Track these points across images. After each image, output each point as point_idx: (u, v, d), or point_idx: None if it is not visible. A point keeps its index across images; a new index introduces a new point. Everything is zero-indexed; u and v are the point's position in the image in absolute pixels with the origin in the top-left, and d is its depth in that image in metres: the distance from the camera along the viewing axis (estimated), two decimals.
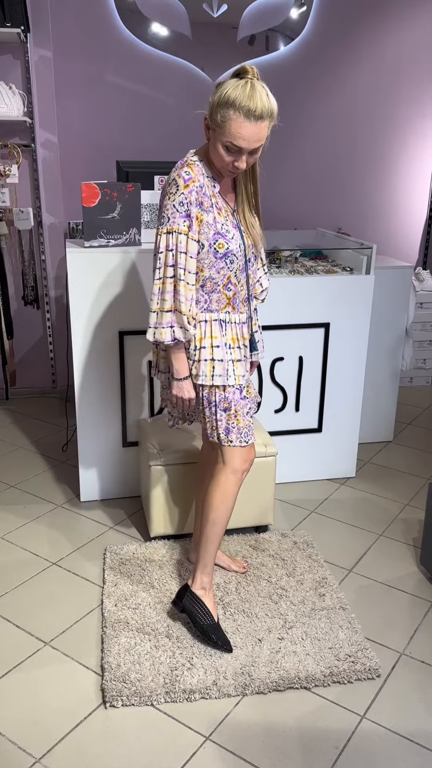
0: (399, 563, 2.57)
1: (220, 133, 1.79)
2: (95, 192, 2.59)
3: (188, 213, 1.86)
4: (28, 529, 2.74)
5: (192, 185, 1.86)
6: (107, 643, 2.08)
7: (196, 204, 1.87)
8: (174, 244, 1.87)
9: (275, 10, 3.92)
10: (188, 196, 1.85)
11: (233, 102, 1.74)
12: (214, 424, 2.05)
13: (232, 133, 1.77)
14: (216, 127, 1.81)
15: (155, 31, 3.82)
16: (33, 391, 4.21)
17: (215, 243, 1.91)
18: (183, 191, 1.85)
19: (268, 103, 1.78)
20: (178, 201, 1.86)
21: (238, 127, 1.76)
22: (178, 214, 1.86)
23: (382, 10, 4.06)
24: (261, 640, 2.10)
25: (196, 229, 1.88)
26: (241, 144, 1.78)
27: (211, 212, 1.90)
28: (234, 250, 1.95)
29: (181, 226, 1.86)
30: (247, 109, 1.74)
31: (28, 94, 3.62)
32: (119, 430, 2.88)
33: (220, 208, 1.93)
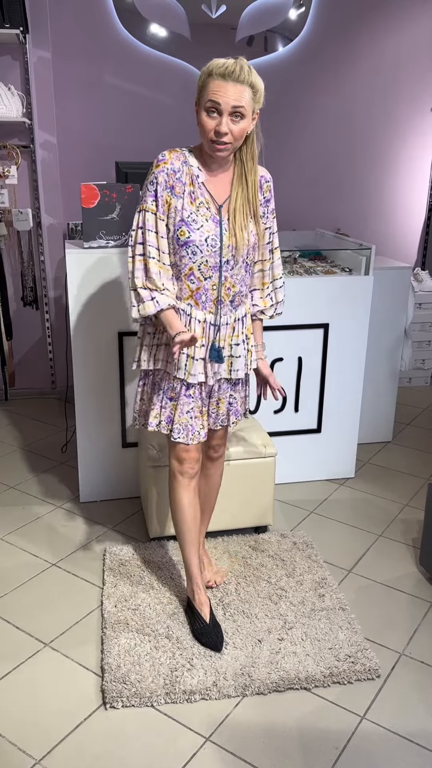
0: (398, 563, 2.57)
1: (202, 100, 1.81)
2: (94, 193, 2.59)
3: (155, 192, 1.89)
4: (27, 531, 2.74)
5: (163, 166, 1.88)
6: (107, 644, 2.08)
7: (166, 186, 1.88)
8: (143, 222, 1.90)
9: (274, 11, 3.92)
10: (157, 176, 1.88)
11: (211, 68, 1.80)
12: (158, 411, 2.07)
13: (210, 90, 1.79)
14: (199, 98, 1.83)
15: (154, 32, 3.82)
16: (32, 392, 4.20)
17: (178, 230, 1.90)
18: (154, 171, 1.90)
19: (249, 73, 1.80)
20: (149, 180, 1.90)
21: (215, 86, 1.78)
22: (148, 193, 1.90)
23: (380, 11, 4.06)
24: (261, 641, 2.10)
25: (164, 210, 1.89)
26: (218, 98, 1.77)
27: (181, 198, 1.89)
28: (197, 242, 1.89)
29: (149, 204, 1.89)
30: (223, 70, 1.78)
31: (27, 95, 3.63)
32: (118, 430, 2.88)
33: (195, 198, 1.90)
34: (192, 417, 2.05)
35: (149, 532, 2.62)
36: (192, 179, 1.90)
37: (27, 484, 3.11)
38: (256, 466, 2.58)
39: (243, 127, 1.83)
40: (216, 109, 1.79)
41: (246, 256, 1.98)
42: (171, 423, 2.06)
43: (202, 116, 1.82)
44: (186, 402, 2.04)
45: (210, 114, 1.80)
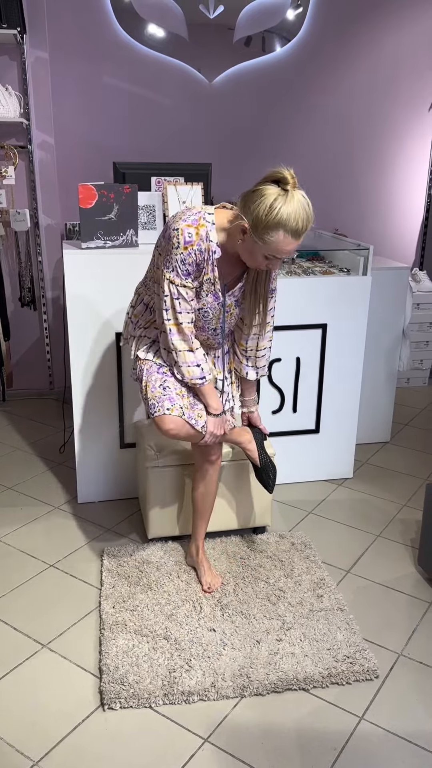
0: (397, 564, 2.57)
1: (264, 247, 1.83)
2: (92, 193, 2.59)
3: (188, 271, 1.96)
4: (25, 531, 2.73)
5: (190, 249, 1.93)
6: (105, 645, 2.07)
7: (195, 264, 1.96)
8: (176, 294, 1.98)
9: (272, 11, 3.92)
10: (187, 258, 1.94)
11: (284, 224, 1.77)
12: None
13: (277, 249, 1.83)
14: (260, 242, 1.82)
15: (152, 32, 3.82)
16: (30, 393, 4.20)
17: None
18: (182, 252, 1.93)
19: (312, 216, 1.82)
20: (180, 259, 1.94)
21: (285, 245, 1.82)
22: (181, 269, 1.96)
23: (378, 11, 4.06)
24: (259, 642, 2.10)
25: (194, 278, 1.99)
26: (283, 256, 1.88)
27: (202, 274, 2.00)
28: (208, 314, 2.08)
29: (183, 281, 1.97)
30: (295, 230, 1.79)
31: (25, 96, 3.62)
32: (116, 431, 2.88)
33: (205, 273, 1.99)
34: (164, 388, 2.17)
35: (147, 532, 2.62)
36: (209, 255, 1.96)
37: (25, 485, 3.11)
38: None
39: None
40: (274, 259, 1.89)
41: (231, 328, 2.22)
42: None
43: (258, 256, 1.88)
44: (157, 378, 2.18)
45: (267, 258, 1.88)
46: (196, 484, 2.37)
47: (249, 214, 1.81)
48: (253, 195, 1.80)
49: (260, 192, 1.79)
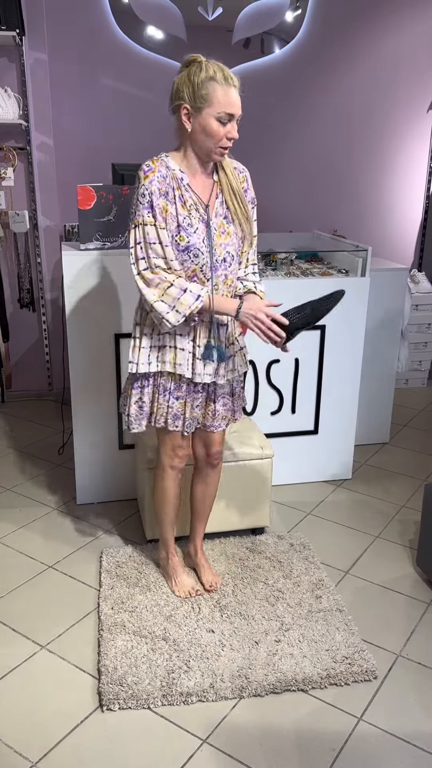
0: (395, 565, 2.57)
1: (210, 108, 1.82)
2: (91, 195, 2.59)
3: (150, 203, 1.88)
4: (24, 533, 2.73)
5: (152, 175, 1.88)
6: (104, 646, 2.07)
7: (160, 194, 1.88)
8: (141, 237, 1.89)
9: (270, 13, 3.93)
10: (149, 186, 1.87)
11: (212, 76, 1.81)
12: (165, 410, 2.10)
13: (221, 101, 1.82)
14: (203, 105, 1.83)
15: (150, 34, 3.83)
16: (29, 394, 4.20)
17: (177, 235, 1.91)
18: (143, 183, 1.88)
19: (236, 75, 1.87)
20: (140, 193, 1.88)
21: (225, 94, 1.82)
22: (141, 206, 1.88)
23: (377, 12, 4.07)
24: (258, 643, 2.10)
25: (162, 218, 1.88)
26: (233, 110, 1.83)
27: (174, 204, 1.90)
28: (196, 244, 1.92)
29: (146, 217, 1.88)
30: (224, 77, 1.82)
31: (24, 97, 3.63)
32: (115, 432, 2.88)
33: (185, 201, 1.92)
34: (199, 409, 2.13)
35: (146, 534, 2.62)
36: (178, 182, 1.92)
37: (24, 486, 3.11)
38: (253, 467, 2.58)
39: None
40: (228, 119, 1.84)
41: (237, 250, 2.02)
42: (183, 419, 2.10)
43: (212, 124, 1.83)
44: (195, 398, 2.10)
45: (221, 122, 1.84)
46: (195, 486, 2.36)
47: (181, 96, 1.85)
48: (179, 80, 1.87)
49: (183, 73, 1.86)
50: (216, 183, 1.98)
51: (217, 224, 1.96)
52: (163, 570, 2.42)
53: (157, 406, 2.10)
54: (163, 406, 2.09)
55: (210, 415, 2.16)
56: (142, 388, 2.11)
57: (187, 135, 1.90)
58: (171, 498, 2.29)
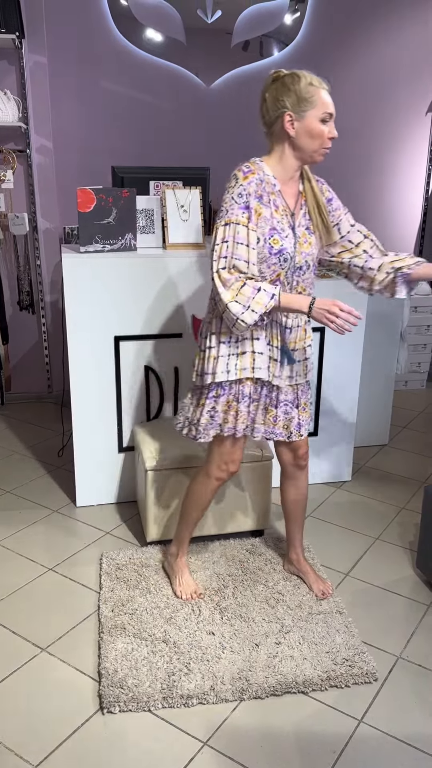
0: (395, 567, 2.57)
1: (314, 110, 1.88)
2: (91, 197, 2.59)
3: (247, 204, 1.88)
4: (24, 535, 2.73)
5: (252, 177, 1.89)
6: (104, 648, 2.07)
7: (256, 196, 1.89)
8: (231, 235, 1.87)
9: (269, 16, 3.94)
10: (247, 187, 1.88)
11: (311, 82, 1.88)
12: (246, 416, 2.11)
13: (324, 102, 1.88)
14: (307, 109, 1.88)
15: (150, 36, 3.83)
16: (29, 396, 4.20)
17: (270, 239, 1.92)
18: (242, 183, 1.88)
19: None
20: (237, 192, 1.88)
21: (325, 95, 1.89)
22: (237, 205, 1.88)
23: (375, 15, 4.08)
24: (258, 645, 2.10)
25: (255, 221, 1.89)
26: (332, 109, 1.91)
27: (269, 207, 1.92)
28: (288, 249, 1.95)
29: (239, 217, 1.88)
30: (320, 81, 1.90)
31: (23, 100, 3.63)
32: (115, 435, 2.88)
33: (278, 206, 1.94)
34: (273, 416, 2.14)
35: (146, 536, 2.62)
36: (271, 187, 1.94)
37: (23, 489, 3.11)
38: (254, 469, 2.59)
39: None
40: (330, 118, 1.90)
41: (315, 260, 2.07)
42: (253, 424, 2.13)
43: (317, 125, 1.88)
44: (270, 402, 2.12)
45: (324, 123, 1.90)
46: (287, 491, 2.36)
47: (284, 103, 1.88)
48: (274, 92, 1.90)
49: (276, 86, 1.90)
50: (301, 194, 2.02)
51: (300, 233, 1.99)
52: (168, 567, 2.42)
53: (230, 415, 2.09)
54: (243, 413, 2.08)
55: (271, 422, 2.14)
56: (217, 398, 2.08)
57: (286, 141, 1.92)
58: (204, 504, 2.29)
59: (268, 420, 2.14)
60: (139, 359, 2.80)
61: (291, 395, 2.15)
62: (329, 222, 2.06)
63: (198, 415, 2.12)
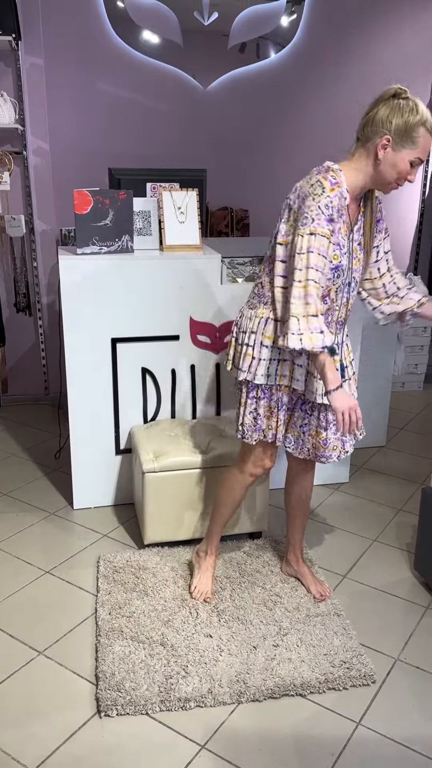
0: (393, 568, 2.57)
1: (411, 151, 1.85)
2: (87, 199, 2.59)
3: (331, 217, 1.86)
4: (20, 538, 2.73)
5: (337, 190, 1.87)
6: (101, 651, 2.07)
7: (338, 209, 1.88)
8: (316, 247, 1.85)
9: (266, 18, 3.94)
10: (333, 200, 1.86)
11: (424, 122, 1.84)
12: (282, 423, 2.12)
13: (424, 148, 1.86)
14: (406, 146, 1.85)
15: (146, 38, 3.83)
16: (25, 399, 4.19)
17: (333, 253, 1.90)
18: (329, 194, 1.85)
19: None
20: (324, 203, 1.85)
21: (428, 142, 1.86)
22: (323, 216, 1.85)
23: (372, 17, 4.09)
24: (256, 647, 2.10)
25: (336, 235, 1.89)
26: (426, 156, 1.88)
27: (339, 223, 1.90)
28: (344, 265, 1.95)
29: (324, 229, 1.85)
30: (431, 124, 1.85)
31: (20, 102, 3.63)
32: (112, 437, 2.87)
33: (344, 221, 1.92)
34: (307, 434, 2.13)
35: (143, 538, 2.62)
36: (344, 201, 1.92)
37: (20, 491, 3.10)
38: None
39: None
40: (419, 163, 1.88)
41: (359, 277, 2.06)
42: (285, 430, 2.13)
43: (406, 165, 1.86)
44: (300, 416, 2.12)
45: (412, 165, 1.87)
46: (291, 491, 2.37)
47: (390, 125, 1.85)
48: (388, 110, 1.88)
49: (393, 104, 1.88)
50: (361, 208, 2.00)
51: (352, 249, 1.97)
52: (195, 562, 2.43)
53: (273, 421, 2.10)
54: (282, 420, 2.10)
55: (321, 445, 2.12)
56: (257, 400, 2.09)
57: (372, 161, 1.89)
58: (237, 501, 2.30)
59: (318, 443, 2.11)
60: (136, 361, 2.80)
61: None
62: (371, 242, 2.05)
63: (242, 415, 2.12)
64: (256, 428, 2.12)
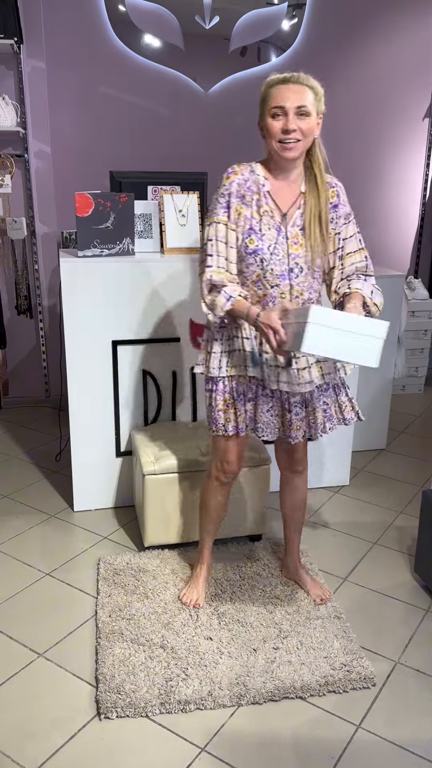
0: (393, 571, 2.57)
1: (265, 109, 1.87)
2: (89, 202, 2.60)
3: (228, 204, 1.93)
4: (21, 540, 2.73)
5: (234, 177, 1.94)
6: (101, 654, 2.07)
7: (237, 196, 1.93)
8: (213, 234, 1.94)
9: (267, 21, 3.95)
10: (229, 187, 1.94)
11: (270, 80, 1.88)
12: (244, 415, 2.10)
13: (273, 97, 1.85)
14: (264, 108, 1.88)
15: (148, 42, 3.84)
16: (26, 401, 4.19)
17: (246, 238, 1.94)
18: (224, 183, 1.95)
19: (306, 78, 1.87)
20: (220, 193, 1.95)
21: (276, 90, 1.85)
22: (219, 205, 1.94)
23: (373, 21, 4.10)
24: (256, 650, 2.09)
25: (234, 219, 1.93)
26: (282, 102, 1.84)
27: (250, 207, 1.94)
28: (263, 250, 1.93)
29: (220, 216, 1.94)
30: (283, 78, 1.86)
31: (21, 105, 3.64)
32: (112, 439, 2.87)
33: (260, 206, 1.94)
34: (272, 416, 2.09)
35: (144, 540, 2.62)
36: (258, 188, 1.95)
37: (21, 493, 3.10)
38: (251, 474, 2.58)
39: (310, 125, 1.88)
40: (281, 112, 1.84)
41: (312, 264, 1.98)
42: (254, 422, 2.10)
43: (268, 122, 1.87)
44: (265, 401, 2.08)
45: (276, 118, 1.86)
46: (284, 495, 2.36)
47: (259, 107, 1.91)
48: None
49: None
50: (302, 194, 1.99)
51: (292, 233, 1.96)
52: (192, 571, 2.44)
53: (230, 413, 2.08)
54: (241, 411, 2.08)
55: (287, 426, 2.09)
56: (212, 392, 2.10)
57: (265, 145, 1.95)
58: (211, 510, 2.29)
59: (285, 424, 2.10)
60: (137, 363, 2.80)
61: (299, 397, 2.07)
62: (326, 229, 1.99)
63: (207, 408, 2.14)
64: (218, 420, 2.10)
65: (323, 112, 1.94)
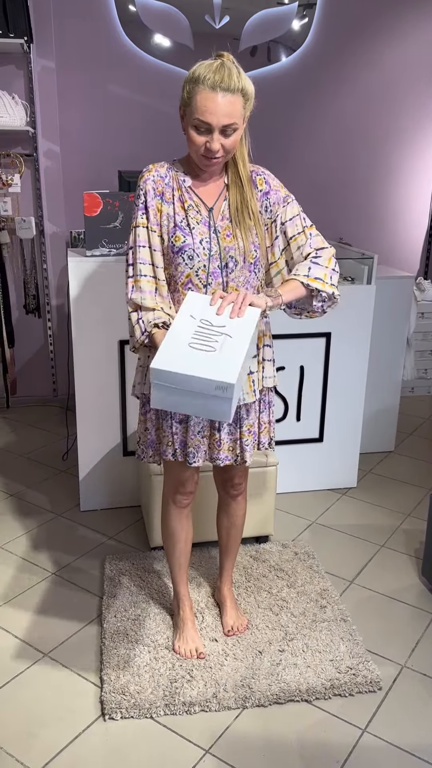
0: (400, 574, 2.55)
1: (189, 113, 1.69)
2: (97, 201, 2.59)
3: (145, 204, 1.80)
4: (27, 539, 2.73)
5: (147, 175, 1.82)
6: (106, 654, 2.06)
7: (155, 194, 1.80)
8: (134, 240, 1.81)
9: (277, 21, 3.94)
10: (143, 186, 1.81)
11: (198, 76, 1.67)
12: (170, 438, 1.91)
13: (198, 107, 1.66)
14: (185, 107, 1.71)
15: (158, 42, 3.84)
16: (33, 400, 4.20)
17: (172, 236, 1.79)
18: (139, 184, 1.83)
19: (238, 79, 1.68)
20: (136, 194, 1.83)
21: (204, 99, 1.65)
22: (136, 208, 1.82)
23: (383, 21, 4.08)
24: (261, 652, 2.09)
25: (156, 221, 1.80)
26: (209, 119, 1.65)
27: (172, 204, 1.80)
28: (193, 246, 1.78)
29: (139, 219, 1.81)
30: (213, 81, 1.65)
31: (31, 104, 3.64)
32: (119, 439, 2.87)
33: (184, 201, 1.81)
34: (202, 437, 1.89)
35: (150, 541, 2.61)
36: (179, 184, 1.83)
37: (27, 493, 3.10)
38: (258, 475, 2.57)
39: (235, 140, 1.72)
40: (206, 128, 1.68)
41: (248, 256, 1.83)
42: (184, 447, 1.89)
43: (190, 133, 1.71)
44: (196, 422, 1.87)
45: (199, 130, 1.69)
46: (219, 518, 2.20)
47: (182, 97, 1.72)
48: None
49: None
50: (226, 186, 1.86)
51: (222, 226, 1.81)
52: (174, 618, 2.20)
53: (162, 434, 1.91)
54: (168, 434, 1.89)
55: (215, 446, 1.90)
56: (146, 413, 1.94)
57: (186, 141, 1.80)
58: (177, 540, 2.07)
59: (213, 444, 1.90)
60: None
61: (243, 410, 1.91)
62: (255, 216, 1.84)
63: (138, 432, 2.00)
64: (147, 443, 1.95)
65: (252, 109, 1.75)
